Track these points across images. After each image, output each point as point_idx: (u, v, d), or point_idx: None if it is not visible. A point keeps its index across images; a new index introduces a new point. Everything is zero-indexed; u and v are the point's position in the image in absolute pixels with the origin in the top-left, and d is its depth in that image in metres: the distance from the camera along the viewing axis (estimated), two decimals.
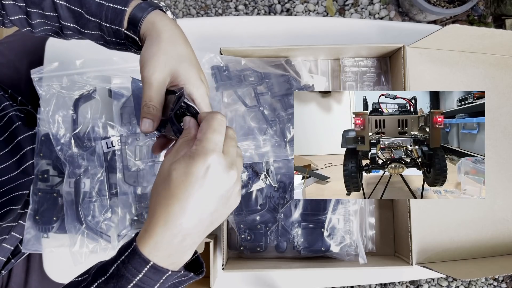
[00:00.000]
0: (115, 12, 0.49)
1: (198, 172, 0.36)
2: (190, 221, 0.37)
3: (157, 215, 0.37)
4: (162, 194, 0.37)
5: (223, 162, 0.38)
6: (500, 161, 0.73)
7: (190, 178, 0.36)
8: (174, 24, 0.49)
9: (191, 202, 0.36)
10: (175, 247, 0.38)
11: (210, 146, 0.38)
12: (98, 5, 0.49)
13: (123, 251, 0.38)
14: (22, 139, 0.72)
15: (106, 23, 0.49)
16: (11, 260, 0.74)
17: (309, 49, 0.71)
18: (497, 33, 0.68)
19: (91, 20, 0.49)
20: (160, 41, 0.46)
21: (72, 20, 0.51)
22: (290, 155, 0.70)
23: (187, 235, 0.37)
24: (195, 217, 0.37)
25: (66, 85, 0.75)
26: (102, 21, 0.49)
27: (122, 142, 0.72)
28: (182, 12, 1.63)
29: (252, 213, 0.70)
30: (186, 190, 0.36)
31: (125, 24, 0.49)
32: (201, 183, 0.36)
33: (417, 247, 0.67)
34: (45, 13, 0.50)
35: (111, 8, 0.49)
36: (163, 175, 0.38)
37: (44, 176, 0.73)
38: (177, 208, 0.36)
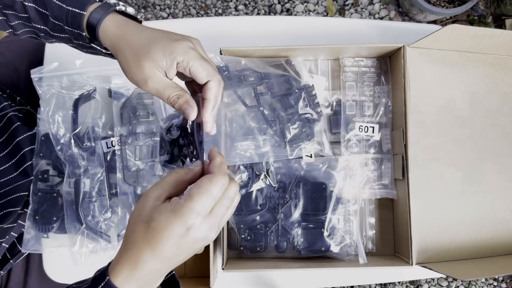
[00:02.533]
0: (74, 16, 0.47)
1: (177, 232, 0.37)
2: (160, 265, 0.38)
3: (129, 252, 0.38)
4: (137, 233, 0.38)
5: (205, 226, 0.38)
6: (500, 161, 0.73)
7: (168, 234, 0.37)
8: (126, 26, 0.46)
9: (164, 253, 0.37)
10: (145, 282, 0.39)
11: (198, 209, 0.37)
12: (59, 7, 0.47)
13: (97, 282, 0.39)
14: (21, 140, 0.72)
15: (67, 27, 0.48)
16: (10, 261, 0.74)
17: (309, 49, 0.71)
18: (497, 33, 0.68)
19: (56, 23, 0.48)
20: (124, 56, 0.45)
21: (42, 22, 0.50)
22: (290, 155, 0.70)
23: (156, 272, 0.39)
24: (165, 262, 0.38)
25: (66, 85, 0.75)
26: (64, 25, 0.48)
27: (122, 142, 0.72)
28: (182, 12, 1.63)
29: (252, 213, 0.70)
30: (161, 242, 0.37)
31: (85, 29, 0.47)
32: (178, 242, 0.37)
33: (417, 247, 0.67)
34: (18, 14, 0.50)
35: (70, 11, 0.47)
36: (143, 216, 0.38)
37: (44, 176, 0.73)
38: (149, 255, 0.37)
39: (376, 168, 0.74)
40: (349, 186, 0.72)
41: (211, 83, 0.45)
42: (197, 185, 0.38)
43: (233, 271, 0.66)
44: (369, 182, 0.74)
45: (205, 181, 0.38)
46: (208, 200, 0.38)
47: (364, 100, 0.75)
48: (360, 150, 0.74)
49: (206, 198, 0.38)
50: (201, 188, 0.38)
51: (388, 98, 0.75)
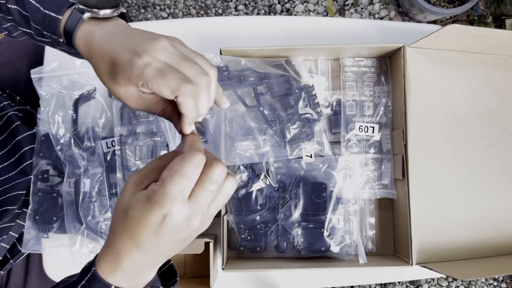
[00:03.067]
0: (50, 20, 0.44)
1: (153, 220, 0.34)
2: (143, 256, 0.36)
3: (111, 243, 0.36)
4: (119, 224, 0.36)
5: (184, 212, 0.34)
6: (500, 161, 0.73)
7: (144, 223, 0.34)
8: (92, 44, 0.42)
9: (144, 243, 0.35)
10: (132, 273, 0.37)
11: (172, 193, 0.33)
12: (37, 10, 0.44)
13: (85, 274, 0.38)
14: (21, 139, 0.72)
15: (45, 31, 0.45)
16: (10, 261, 0.74)
17: (309, 49, 0.71)
18: (497, 33, 0.68)
19: (36, 27, 0.46)
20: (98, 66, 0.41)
21: (26, 25, 0.48)
22: (290, 155, 0.70)
23: (142, 264, 0.37)
24: (149, 253, 0.36)
25: (66, 85, 0.75)
26: (42, 29, 0.45)
27: (122, 142, 0.72)
28: (182, 12, 1.63)
29: (252, 213, 0.70)
30: (139, 232, 0.35)
31: (62, 35, 0.44)
32: (156, 230, 0.34)
33: (417, 247, 0.67)
34: (6, 17, 0.48)
35: (47, 15, 0.44)
36: (123, 203, 0.36)
37: (44, 176, 0.73)
38: (130, 245, 0.35)
39: (376, 168, 0.74)
40: (349, 186, 0.72)
41: (179, 98, 0.38)
42: (168, 168, 0.35)
43: (233, 271, 0.66)
44: (369, 182, 0.74)
45: (176, 162, 0.34)
46: (181, 182, 0.34)
47: (364, 100, 0.75)
48: (360, 150, 0.74)
49: (178, 180, 0.34)
50: (172, 170, 0.34)
51: (388, 98, 0.75)
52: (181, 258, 0.76)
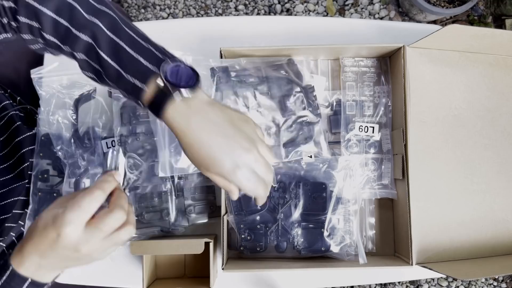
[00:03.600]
0: (134, 88, 0.45)
1: (49, 235, 0.42)
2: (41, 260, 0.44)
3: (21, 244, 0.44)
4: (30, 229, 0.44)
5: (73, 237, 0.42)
6: (500, 161, 0.73)
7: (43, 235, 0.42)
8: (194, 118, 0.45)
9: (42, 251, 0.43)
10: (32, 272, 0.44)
11: (67, 218, 0.41)
12: (117, 73, 0.45)
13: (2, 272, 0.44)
14: (21, 140, 0.72)
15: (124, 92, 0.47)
16: None
17: (309, 49, 0.71)
18: (497, 33, 0.68)
19: (109, 83, 0.47)
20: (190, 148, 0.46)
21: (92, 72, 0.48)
22: (285, 157, 0.71)
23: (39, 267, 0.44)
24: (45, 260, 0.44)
25: (66, 85, 0.75)
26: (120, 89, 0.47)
27: (122, 142, 0.72)
28: (182, 12, 1.63)
29: (252, 213, 0.70)
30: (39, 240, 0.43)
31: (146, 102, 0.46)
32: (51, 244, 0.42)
33: (417, 247, 0.67)
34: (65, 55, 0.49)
35: (130, 82, 0.45)
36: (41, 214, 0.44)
37: (44, 176, 0.73)
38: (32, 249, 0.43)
39: (376, 168, 0.74)
40: (349, 186, 0.72)
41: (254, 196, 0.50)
42: (73, 195, 0.43)
43: (233, 271, 0.66)
44: (369, 182, 0.74)
45: (80, 193, 0.43)
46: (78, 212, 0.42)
47: (364, 100, 0.75)
48: (360, 150, 0.74)
49: (75, 209, 0.42)
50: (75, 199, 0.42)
51: (388, 98, 0.75)
52: (181, 258, 0.76)
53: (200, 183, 0.73)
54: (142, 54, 0.46)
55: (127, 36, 0.46)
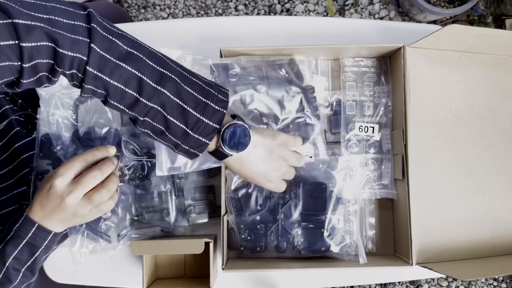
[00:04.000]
0: (198, 143, 0.54)
1: (45, 186, 0.56)
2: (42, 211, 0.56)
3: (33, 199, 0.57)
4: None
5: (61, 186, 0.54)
6: (500, 161, 0.73)
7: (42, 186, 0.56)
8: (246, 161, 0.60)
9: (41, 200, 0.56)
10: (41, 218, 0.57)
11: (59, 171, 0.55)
12: (184, 132, 0.53)
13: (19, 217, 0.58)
14: (20, 146, 0.72)
15: (185, 146, 0.55)
16: None
17: (309, 49, 0.71)
18: (497, 33, 0.68)
19: (171, 139, 0.54)
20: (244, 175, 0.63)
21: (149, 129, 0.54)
22: None
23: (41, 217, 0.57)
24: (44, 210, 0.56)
25: (66, 85, 0.75)
26: (182, 144, 0.54)
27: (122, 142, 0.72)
28: (182, 12, 1.63)
29: (252, 213, 0.70)
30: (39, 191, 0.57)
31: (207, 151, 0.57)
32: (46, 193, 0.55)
33: (417, 247, 0.67)
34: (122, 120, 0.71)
35: (195, 138, 0.54)
36: None
37: (44, 176, 0.73)
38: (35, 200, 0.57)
39: (376, 168, 0.74)
40: (349, 186, 0.72)
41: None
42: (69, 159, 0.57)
43: (233, 271, 0.66)
44: (369, 182, 0.74)
45: (75, 155, 0.57)
46: (67, 166, 0.55)
47: (364, 100, 0.75)
48: (360, 150, 0.74)
49: (66, 165, 0.55)
50: (69, 159, 0.56)
51: (388, 98, 0.75)
52: (181, 258, 0.76)
53: (200, 183, 0.73)
54: (203, 113, 0.53)
55: (189, 97, 0.52)
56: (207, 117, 0.53)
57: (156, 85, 0.49)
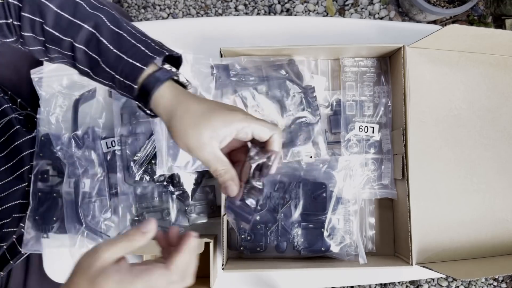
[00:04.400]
0: (132, 69, 0.48)
1: None
2: None
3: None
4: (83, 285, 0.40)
5: None
6: (500, 161, 0.73)
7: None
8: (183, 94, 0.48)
9: None
10: None
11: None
12: (116, 57, 0.48)
13: None
14: (20, 144, 0.72)
15: (120, 77, 0.48)
16: (10, 261, 0.74)
17: (309, 49, 0.71)
18: (497, 33, 0.68)
19: (106, 70, 0.49)
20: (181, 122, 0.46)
21: (87, 65, 0.50)
22: (283, 158, 0.71)
23: None
24: None
25: (66, 85, 0.75)
26: (116, 74, 0.48)
27: (122, 142, 0.72)
28: (182, 12, 1.63)
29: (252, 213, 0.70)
30: None
31: (139, 84, 0.48)
32: None
33: (417, 247, 0.67)
34: (62, 51, 0.50)
35: (129, 63, 0.48)
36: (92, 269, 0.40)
37: (44, 176, 0.73)
38: None
39: (376, 168, 0.74)
40: (349, 186, 0.72)
41: (275, 135, 0.47)
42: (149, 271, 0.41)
43: (233, 271, 0.66)
44: (369, 182, 0.74)
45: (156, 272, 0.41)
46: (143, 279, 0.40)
47: (364, 100, 0.75)
48: (360, 150, 0.74)
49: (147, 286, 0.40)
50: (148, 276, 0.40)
51: (388, 98, 0.75)
52: None
53: (201, 183, 0.73)
54: (141, 43, 0.48)
55: (127, 29, 0.49)
56: (143, 46, 0.49)
57: (93, 10, 0.49)
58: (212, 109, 0.47)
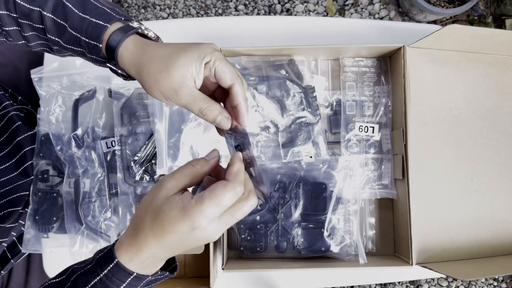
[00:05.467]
0: (96, 27, 0.47)
1: (181, 229, 0.38)
2: (162, 252, 0.40)
3: (135, 237, 0.40)
4: (147, 222, 0.40)
5: (210, 229, 0.39)
6: (500, 161, 0.73)
7: (173, 229, 0.38)
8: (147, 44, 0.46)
9: (167, 244, 0.39)
10: (147, 264, 0.41)
11: (206, 213, 0.38)
12: (81, 19, 0.48)
13: (103, 263, 0.41)
14: (22, 139, 0.72)
15: (85, 38, 0.48)
16: (11, 260, 0.74)
17: (309, 49, 0.71)
18: (497, 33, 0.68)
19: (73, 34, 0.48)
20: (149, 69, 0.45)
21: (57, 34, 0.50)
22: (283, 158, 0.71)
23: (158, 258, 0.41)
24: (167, 251, 0.40)
25: (66, 85, 0.75)
26: (82, 36, 0.48)
27: (122, 142, 0.72)
28: (182, 12, 1.63)
29: (252, 213, 0.70)
30: (165, 235, 0.39)
31: (104, 42, 0.47)
32: (181, 238, 0.39)
33: (417, 247, 0.67)
34: (34, 25, 0.50)
35: (93, 22, 0.47)
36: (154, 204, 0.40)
37: (44, 176, 0.73)
38: (153, 243, 0.39)
39: (376, 168, 0.74)
40: (349, 186, 0.72)
41: (236, 86, 0.44)
42: (210, 190, 0.39)
43: (233, 271, 0.66)
44: (369, 182, 0.74)
45: (219, 187, 0.39)
46: (218, 207, 0.38)
47: (364, 100, 0.75)
48: (360, 150, 0.74)
49: (216, 205, 0.38)
50: (213, 194, 0.38)
51: (388, 98, 0.75)
52: (181, 258, 0.76)
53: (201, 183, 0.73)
54: (107, 7, 0.49)
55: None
56: (108, 8, 0.49)
57: None
58: (179, 48, 0.44)
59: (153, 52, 0.45)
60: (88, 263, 0.42)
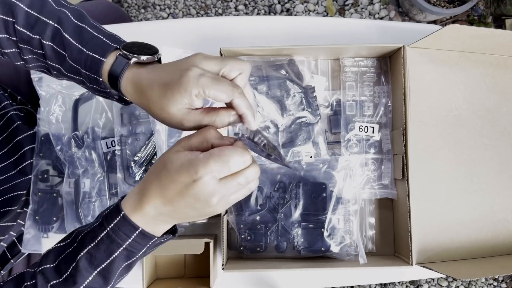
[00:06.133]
0: (93, 61, 0.47)
1: (183, 179, 0.39)
2: (163, 207, 0.41)
3: (141, 187, 0.42)
4: (154, 172, 0.42)
5: (211, 187, 0.39)
6: (500, 161, 0.73)
7: (175, 178, 0.40)
8: (148, 72, 0.46)
9: (168, 195, 0.40)
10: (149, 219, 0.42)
11: (210, 168, 0.39)
12: (79, 51, 0.48)
13: (110, 218, 0.42)
14: (22, 139, 0.72)
15: (85, 71, 0.48)
16: (11, 260, 0.74)
17: (309, 49, 0.71)
18: (497, 33, 0.68)
19: (72, 65, 0.49)
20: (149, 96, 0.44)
21: (57, 61, 0.50)
22: (283, 158, 0.71)
23: (159, 214, 0.42)
24: (168, 206, 0.41)
25: (66, 85, 0.75)
26: (81, 68, 0.48)
27: (122, 142, 0.72)
28: (182, 12, 1.63)
29: (252, 213, 0.70)
30: (168, 183, 0.40)
31: (104, 75, 0.47)
32: (181, 188, 0.40)
33: (417, 247, 0.67)
34: (34, 50, 0.50)
35: (90, 56, 0.48)
36: (165, 157, 0.42)
37: (44, 176, 0.73)
38: (156, 191, 0.41)
39: (376, 168, 0.74)
40: (349, 186, 0.72)
41: (235, 100, 0.44)
42: (220, 149, 0.40)
43: (233, 271, 0.66)
44: (369, 182, 0.74)
45: (229, 148, 0.40)
46: (223, 166, 0.39)
47: (364, 100, 0.75)
48: (360, 150, 0.74)
49: (222, 162, 0.39)
50: (223, 152, 0.39)
51: (388, 98, 0.75)
52: (181, 258, 0.76)
53: None
54: (102, 34, 0.49)
55: (90, 23, 0.50)
56: (104, 36, 0.49)
57: (58, 7, 0.50)
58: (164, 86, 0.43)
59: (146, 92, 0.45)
60: (94, 222, 0.44)
